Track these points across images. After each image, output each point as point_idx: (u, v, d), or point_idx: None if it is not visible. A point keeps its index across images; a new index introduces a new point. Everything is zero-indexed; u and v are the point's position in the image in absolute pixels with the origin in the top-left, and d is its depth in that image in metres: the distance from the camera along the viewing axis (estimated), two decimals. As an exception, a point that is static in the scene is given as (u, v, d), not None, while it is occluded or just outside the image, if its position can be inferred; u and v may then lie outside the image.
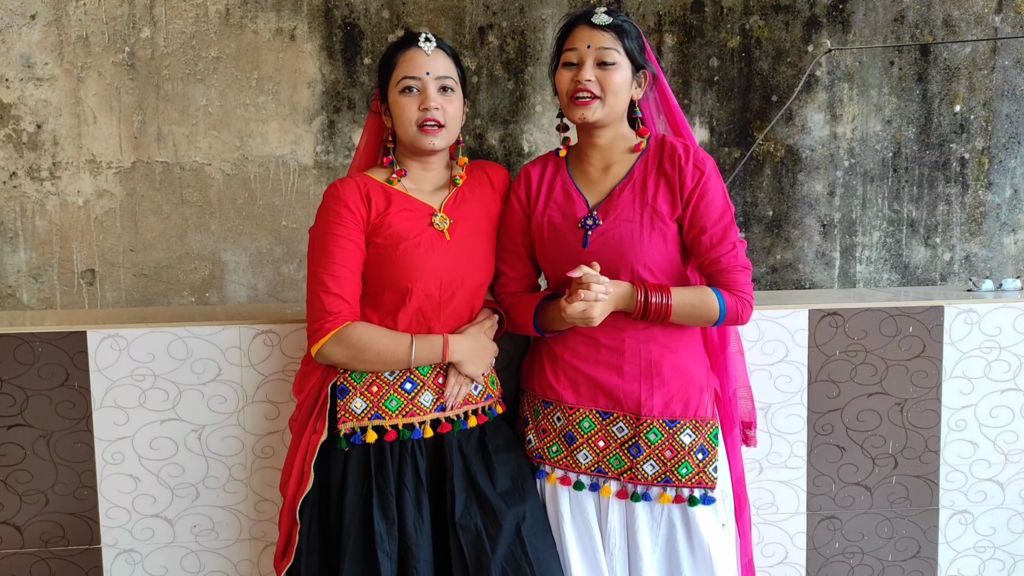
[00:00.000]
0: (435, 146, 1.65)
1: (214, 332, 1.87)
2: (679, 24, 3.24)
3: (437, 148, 1.66)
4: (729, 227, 1.62)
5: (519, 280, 1.76)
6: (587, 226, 1.65)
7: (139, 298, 3.22)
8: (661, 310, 1.59)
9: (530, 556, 1.59)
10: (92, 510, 1.90)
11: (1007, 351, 2.02)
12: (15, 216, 3.16)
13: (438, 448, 1.67)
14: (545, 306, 1.68)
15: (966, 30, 3.29)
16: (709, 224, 1.61)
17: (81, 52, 3.11)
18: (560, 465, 1.68)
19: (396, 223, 1.63)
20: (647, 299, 1.58)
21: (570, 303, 1.52)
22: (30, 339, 1.84)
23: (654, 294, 1.58)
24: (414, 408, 1.64)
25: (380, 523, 1.58)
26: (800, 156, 3.32)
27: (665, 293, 1.59)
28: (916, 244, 3.39)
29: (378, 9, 3.18)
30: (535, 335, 1.72)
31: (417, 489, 1.62)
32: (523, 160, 3.26)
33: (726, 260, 1.62)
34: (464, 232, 1.68)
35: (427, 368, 1.66)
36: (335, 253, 1.60)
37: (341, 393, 1.64)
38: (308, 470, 1.63)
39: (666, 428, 1.64)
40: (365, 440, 1.62)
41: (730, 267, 1.62)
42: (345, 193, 1.63)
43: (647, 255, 1.62)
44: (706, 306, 1.61)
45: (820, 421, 2.01)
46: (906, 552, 2.08)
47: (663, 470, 1.63)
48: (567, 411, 1.68)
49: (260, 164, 3.20)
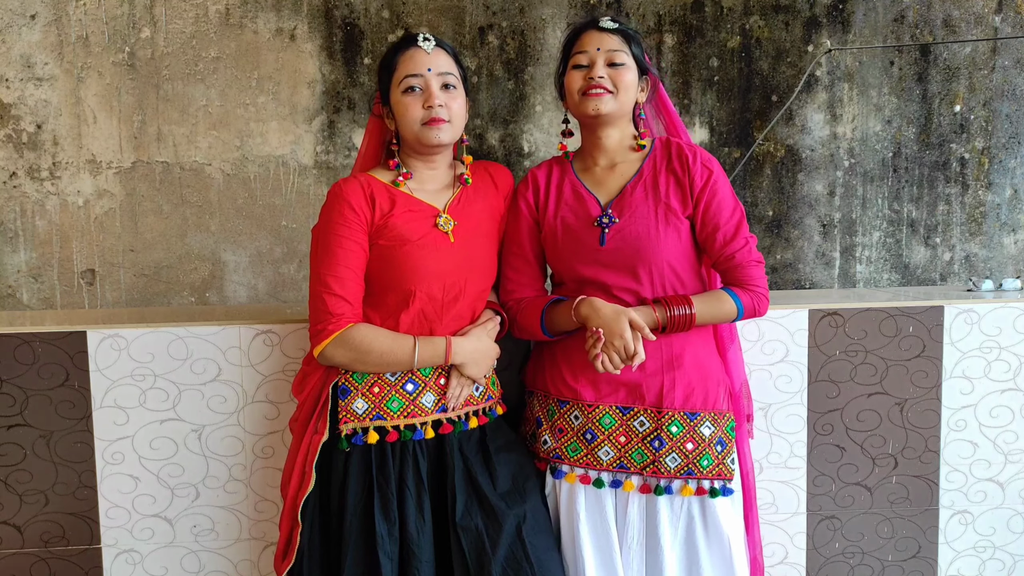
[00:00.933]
0: (441, 140, 1.64)
1: (214, 332, 1.87)
2: (679, 24, 3.25)
3: (444, 143, 1.65)
4: (741, 223, 1.68)
5: (526, 285, 1.77)
6: (603, 224, 1.68)
7: (139, 298, 3.22)
8: (685, 320, 1.64)
9: (531, 556, 1.59)
10: (92, 510, 1.90)
11: (1007, 351, 2.02)
12: (15, 216, 3.16)
13: (439, 449, 1.66)
14: (552, 309, 1.70)
15: (966, 30, 3.29)
16: (722, 221, 1.66)
17: (81, 52, 3.11)
18: (580, 464, 1.69)
19: (400, 224, 1.63)
20: (671, 312, 1.64)
21: (596, 358, 1.59)
22: (30, 339, 1.84)
23: (677, 307, 1.64)
24: (416, 409, 1.64)
25: (381, 524, 1.58)
26: (800, 156, 3.32)
27: (687, 304, 1.64)
28: (916, 244, 3.39)
29: (378, 9, 3.18)
30: (543, 339, 1.73)
31: (418, 490, 1.62)
32: (523, 160, 3.27)
33: (740, 256, 1.66)
34: (468, 234, 1.68)
35: (429, 369, 1.66)
36: (338, 254, 1.60)
37: (342, 394, 1.64)
38: (309, 471, 1.63)
39: (687, 420, 1.66)
40: (367, 441, 1.62)
41: (744, 262, 1.67)
42: (349, 193, 1.62)
43: (665, 250, 1.66)
44: (724, 310, 1.67)
45: (820, 421, 2.01)
46: (906, 552, 2.08)
47: (685, 463, 1.65)
48: (586, 409, 1.69)
49: (260, 164, 3.20)
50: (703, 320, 1.66)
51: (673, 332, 1.66)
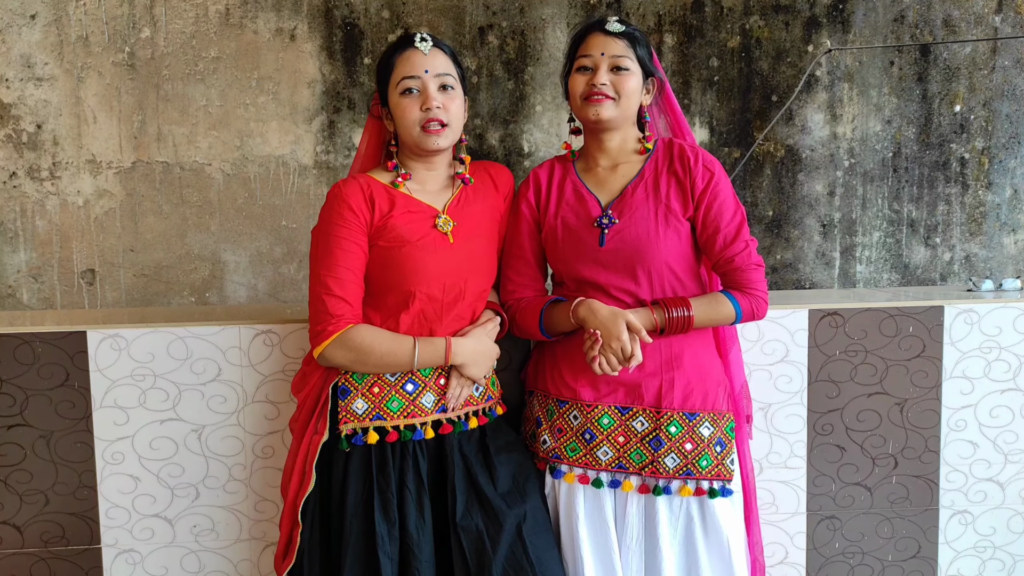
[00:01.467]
0: (440, 146, 1.64)
1: (214, 332, 1.87)
2: (679, 24, 3.25)
3: (442, 148, 1.65)
4: (741, 226, 1.67)
5: (526, 285, 1.77)
6: (603, 224, 1.68)
7: (139, 298, 3.22)
8: (683, 323, 1.64)
9: (531, 556, 1.59)
10: (92, 510, 1.90)
11: (1007, 351, 2.02)
12: (15, 216, 3.16)
13: (439, 449, 1.66)
14: (551, 309, 1.70)
15: (966, 30, 3.29)
16: (722, 224, 1.66)
17: (81, 52, 3.11)
18: (579, 464, 1.69)
19: (399, 225, 1.63)
20: (669, 315, 1.64)
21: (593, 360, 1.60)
22: (30, 339, 1.84)
23: (675, 309, 1.64)
24: (415, 409, 1.64)
25: (381, 524, 1.58)
26: (800, 156, 3.32)
27: (685, 307, 1.64)
28: (916, 244, 3.39)
29: (378, 9, 3.18)
30: (542, 339, 1.73)
31: (419, 490, 1.62)
32: (523, 160, 3.27)
33: (740, 259, 1.66)
34: (467, 234, 1.68)
35: (429, 369, 1.66)
36: (338, 255, 1.60)
37: (342, 394, 1.64)
38: (310, 471, 1.63)
39: (686, 421, 1.66)
40: (366, 441, 1.62)
41: (744, 265, 1.66)
42: (348, 194, 1.62)
43: (664, 251, 1.66)
44: (722, 312, 1.67)
45: (820, 421, 2.01)
46: (906, 552, 2.08)
47: (684, 463, 1.65)
48: (585, 409, 1.69)
49: (260, 164, 3.20)
50: (701, 322, 1.66)
51: (671, 334, 1.66)
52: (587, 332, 1.60)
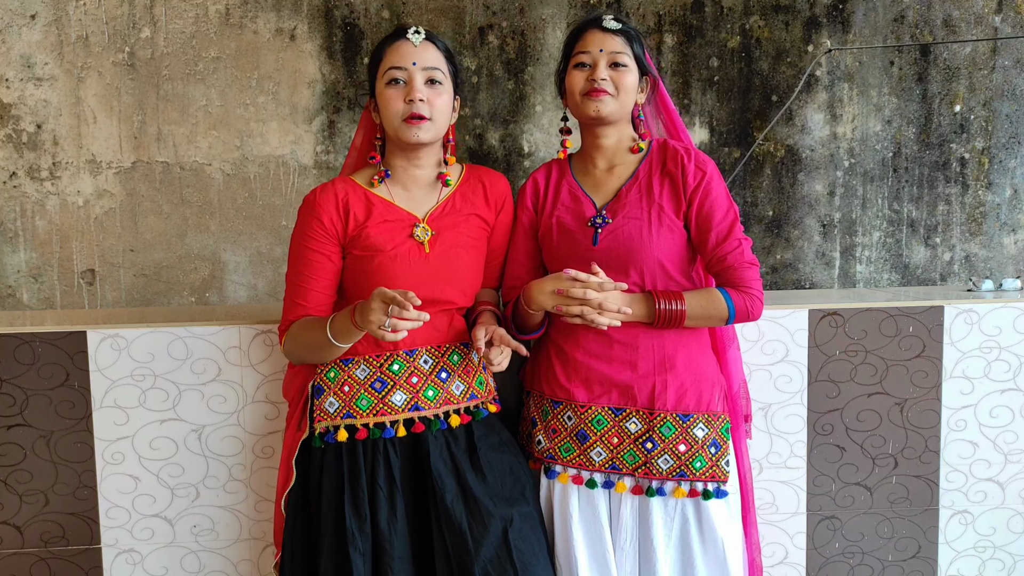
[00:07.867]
0: (420, 139, 1.62)
1: (214, 332, 1.87)
2: (679, 24, 3.24)
3: (423, 141, 1.63)
4: (734, 224, 1.67)
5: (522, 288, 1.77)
6: (596, 224, 1.68)
7: (139, 298, 3.22)
8: (674, 316, 1.64)
9: (515, 560, 1.57)
10: (92, 510, 1.90)
11: (1007, 351, 2.02)
12: (15, 216, 3.16)
13: (416, 448, 1.66)
14: (514, 307, 1.73)
15: (966, 30, 3.29)
16: (715, 223, 1.66)
17: (81, 52, 3.11)
18: (573, 464, 1.69)
19: (374, 235, 1.63)
20: (660, 306, 1.63)
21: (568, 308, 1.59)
22: (30, 339, 1.84)
23: (667, 301, 1.63)
24: (385, 407, 1.64)
25: (352, 520, 1.59)
26: (800, 156, 3.32)
27: (678, 299, 1.64)
28: (916, 244, 3.38)
29: (378, 9, 3.18)
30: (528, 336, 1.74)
31: (390, 488, 1.62)
32: (523, 160, 3.27)
33: (732, 257, 1.66)
34: (445, 245, 1.67)
35: (399, 367, 1.65)
36: (302, 270, 1.64)
37: (317, 393, 1.67)
38: (291, 467, 1.66)
39: (679, 422, 1.66)
40: (337, 439, 1.63)
41: (737, 264, 1.65)
42: (320, 206, 1.63)
43: (656, 251, 1.66)
44: (715, 308, 1.65)
45: (820, 421, 2.01)
46: (906, 552, 2.08)
47: (678, 464, 1.65)
48: (578, 409, 1.69)
49: (260, 164, 3.20)
50: (694, 314, 1.65)
51: (664, 325, 1.65)
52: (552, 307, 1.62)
